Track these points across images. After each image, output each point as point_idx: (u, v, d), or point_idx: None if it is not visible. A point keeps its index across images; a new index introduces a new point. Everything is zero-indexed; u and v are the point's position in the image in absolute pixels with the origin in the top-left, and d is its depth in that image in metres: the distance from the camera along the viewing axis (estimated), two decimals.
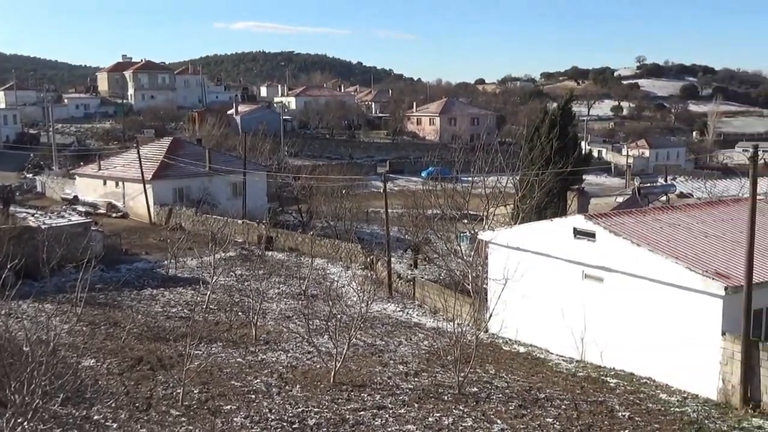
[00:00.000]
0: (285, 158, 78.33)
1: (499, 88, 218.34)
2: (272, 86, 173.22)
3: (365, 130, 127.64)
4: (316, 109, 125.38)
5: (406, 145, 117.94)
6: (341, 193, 54.87)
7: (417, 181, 65.66)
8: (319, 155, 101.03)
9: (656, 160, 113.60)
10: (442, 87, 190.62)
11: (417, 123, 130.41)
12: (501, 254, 28.97)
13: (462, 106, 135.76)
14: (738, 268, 21.80)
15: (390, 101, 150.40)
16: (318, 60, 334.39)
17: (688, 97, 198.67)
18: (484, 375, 23.16)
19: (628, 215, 27.26)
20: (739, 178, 53.68)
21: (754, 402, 20.88)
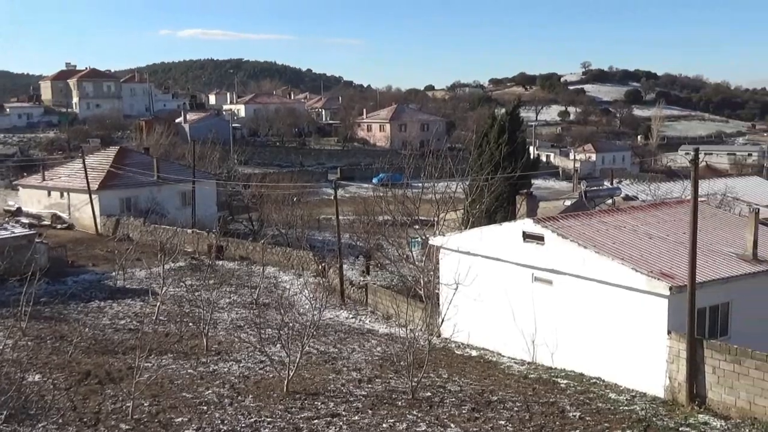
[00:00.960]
0: (235, 166, 77.71)
1: (448, 94, 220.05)
2: (221, 94, 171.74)
3: (316, 137, 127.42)
4: (266, 117, 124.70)
5: (357, 151, 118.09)
6: (292, 201, 54.65)
7: (368, 187, 65.68)
8: (270, 163, 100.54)
9: (602, 163, 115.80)
10: (392, 94, 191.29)
11: (367, 130, 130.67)
12: (452, 259, 29.17)
13: (412, 113, 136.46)
14: (682, 268, 22.30)
15: (340, 108, 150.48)
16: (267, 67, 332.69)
17: (633, 102, 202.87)
18: (437, 379, 23.26)
19: (575, 218, 27.68)
20: (682, 180, 55.03)
21: (699, 399, 21.36)
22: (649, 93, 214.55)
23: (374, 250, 42.63)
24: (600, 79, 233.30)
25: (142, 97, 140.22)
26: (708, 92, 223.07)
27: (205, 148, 68.84)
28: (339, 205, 39.65)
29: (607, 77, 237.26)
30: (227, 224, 56.43)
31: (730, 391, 20.70)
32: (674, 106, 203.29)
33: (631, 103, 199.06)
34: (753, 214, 25.96)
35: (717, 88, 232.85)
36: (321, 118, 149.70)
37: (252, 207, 58.42)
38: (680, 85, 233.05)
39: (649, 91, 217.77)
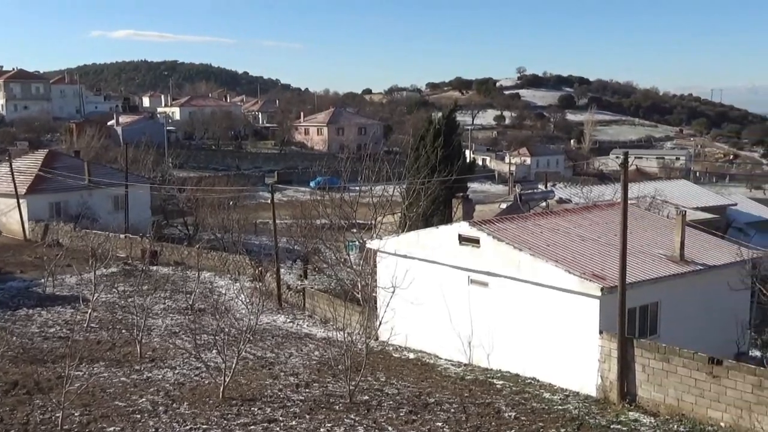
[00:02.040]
0: (169, 170, 76.41)
1: (386, 98, 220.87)
2: (155, 96, 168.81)
3: (252, 140, 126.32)
4: (202, 120, 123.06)
5: (295, 155, 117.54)
6: (228, 205, 53.99)
7: (306, 191, 65.49)
8: (205, 166, 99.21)
9: (537, 167, 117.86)
10: (329, 97, 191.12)
11: (305, 133, 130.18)
12: (389, 262, 29.26)
13: (349, 116, 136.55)
14: (613, 270, 22.84)
15: (278, 111, 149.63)
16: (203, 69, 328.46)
17: (566, 106, 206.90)
18: (374, 383, 23.30)
19: (510, 221, 28.08)
20: (613, 183, 56.31)
21: (630, 396, 21.91)
22: (581, 98, 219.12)
23: (312, 253, 42.43)
24: (534, 84, 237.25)
25: (72, 99, 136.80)
26: (638, 98, 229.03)
27: (138, 152, 67.54)
28: (276, 208, 39.35)
29: (542, 82, 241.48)
30: (162, 229, 55.41)
31: (659, 389, 21.29)
32: (606, 111, 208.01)
33: (564, 108, 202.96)
34: (680, 217, 26.75)
35: (646, 93, 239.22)
36: (258, 122, 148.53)
37: (187, 211, 57.52)
38: (611, 90, 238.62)
39: (581, 96, 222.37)
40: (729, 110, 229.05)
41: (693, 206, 56.64)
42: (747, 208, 70.60)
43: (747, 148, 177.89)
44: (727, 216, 63.99)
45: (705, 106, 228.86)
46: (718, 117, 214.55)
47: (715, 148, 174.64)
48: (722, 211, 63.02)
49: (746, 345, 28.26)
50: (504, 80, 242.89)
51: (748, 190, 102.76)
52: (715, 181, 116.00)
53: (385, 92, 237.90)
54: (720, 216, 59.38)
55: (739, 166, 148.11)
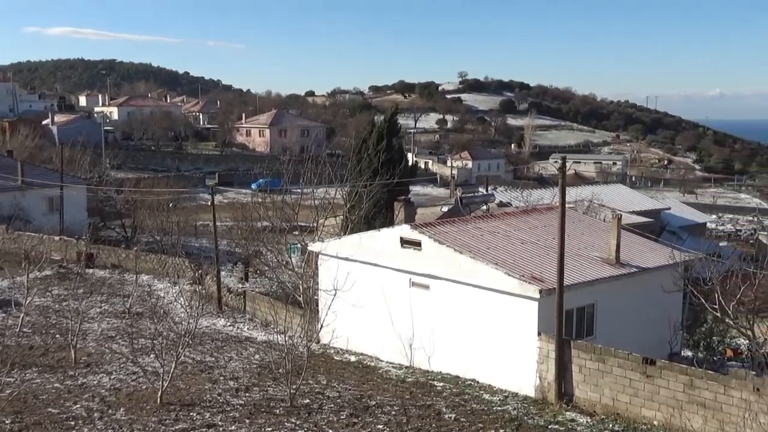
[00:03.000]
0: (107, 171, 74.84)
1: (328, 100, 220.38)
2: (92, 96, 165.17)
3: (193, 141, 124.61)
4: (141, 120, 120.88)
5: (236, 156, 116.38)
6: (168, 207, 53.13)
7: (247, 193, 64.79)
8: (144, 167, 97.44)
9: (478, 170, 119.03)
10: (272, 99, 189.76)
11: (247, 134, 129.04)
12: (331, 265, 29.20)
13: (292, 118, 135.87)
14: (551, 272, 23.22)
15: (219, 112, 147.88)
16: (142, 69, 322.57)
17: (507, 111, 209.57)
18: (316, 386, 23.22)
19: (451, 224, 28.33)
20: (552, 187, 57.33)
21: (567, 397, 22.31)
22: (522, 103, 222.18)
23: (253, 256, 42.06)
24: (476, 89, 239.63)
25: (5, 97, 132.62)
26: (576, 103, 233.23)
27: (74, 152, 65.90)
28: (217, 210, 38.92)
29: (483, 87, 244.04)
30: (98, 231, 54.20)
31: (595, 389, 21.73)
32: (545, 116, 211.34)
33: (505, 113, 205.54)
34: (615, 220, 27.35)
35: (585, 99, 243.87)
36: (199, 122, 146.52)
37: (125, 213, 56.40)
38: (551, 96, 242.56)
39: (522, 101, 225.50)
40: (663, 117, 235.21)
41: (629, 210, 58.00)
42: (680, 212, 72.65)
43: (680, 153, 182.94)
44: (662, 220, 65.71)
45: (641, 113, 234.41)
46: (653, 123, 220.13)
47: (650, 153, 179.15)
48: (657, 215, 64.68)
49: (678, 345, 29.05)
50: (446, 84, 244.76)
51: (682, 195, 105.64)
52: (650, 186, 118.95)
53: (328, 94, 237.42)
54: (654, 220, 60.93)
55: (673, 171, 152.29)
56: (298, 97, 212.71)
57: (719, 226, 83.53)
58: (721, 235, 76.76)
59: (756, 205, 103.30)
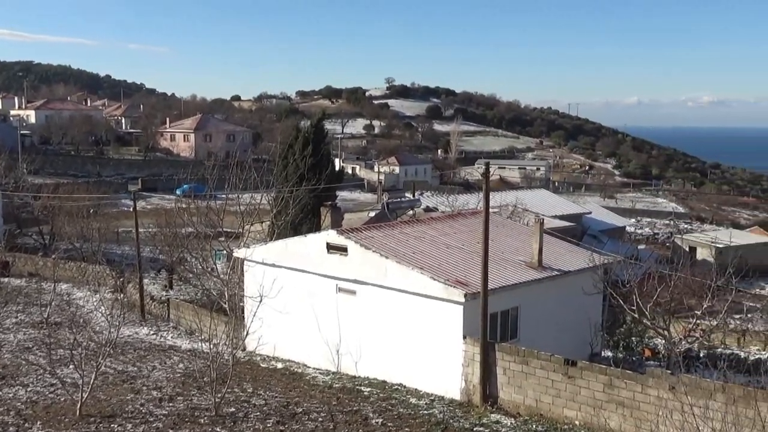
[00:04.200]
0: (23, 176, 72.33)
1: (255, 105, 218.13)
2: (8, 98, 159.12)
3: (115, 146, 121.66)
4: (60, 124, 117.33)
5: (160, 162, 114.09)
6: (88, 213, 51.76)
7: (171, 198, 63.59)
8: (64, 173, 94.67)
9: (405, 176, 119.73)
10: (197, 103, 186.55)
11: (171, 139, 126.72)
12: (257, 271, 28.94)
13: (217, 123, 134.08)
14: (476, 276, 23.52)
15: (142, 116, 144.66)
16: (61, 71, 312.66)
17: (433, 117, 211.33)
18: (241, 394, 22.95)
19: (378, 229, 28.42)
20: (478, 192, 58.07)
21: (492, 399, 22.64)
22: (448, 109, 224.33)
23: (177, 263, 41.34)
24: (403, 95, 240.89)
25: None
26: (501, 110, 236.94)
27: None
28: (140, 217, 38.12)
29: (410, 93, 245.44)
30: (14, 238, 52.47)
31: (519, 391, 22.11)
32: (471, 122, 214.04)
33: (431, 118, 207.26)
34: (538, 225, 27.92)
35: (509, 106, 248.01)
36: (121, 127, 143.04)
37: (43, 219, 54.70)
38: (476, 102, 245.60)
39: (448, 107, 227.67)
40: (584, 123, 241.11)
41: (551, 214, 59.30)
42: (601, 216, 74.71)
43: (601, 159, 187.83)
44: (583, 224, 67.42)
45: (563, 119, 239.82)
46: (575, 130, 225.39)
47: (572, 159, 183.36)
48: (578, 219, 66.35)
49: (599, 346, 29.85)
50: (373, 90, 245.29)
51: (602, 199, 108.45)
52: (572, 191, 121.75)
53: (254, 99, 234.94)
54: (576, 224, 62.48)
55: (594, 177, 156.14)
56: (223, 102, 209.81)
57: (638, 229, 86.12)
58: (640, 239, 79.21)
59: (672, 209, 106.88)
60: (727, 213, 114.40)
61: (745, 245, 67.37)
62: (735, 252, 49.74)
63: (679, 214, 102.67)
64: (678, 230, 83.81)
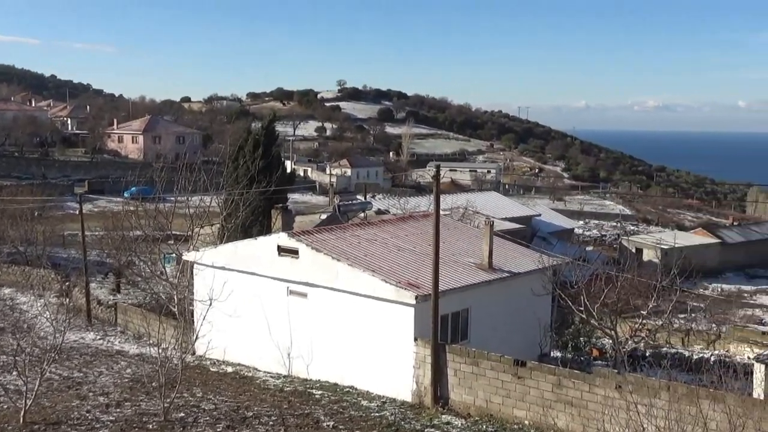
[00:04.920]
0: None
1: (205, 106, 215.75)
2: None
3: (60, 147, 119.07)
4: (2, 125, 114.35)
5: (107, 163, 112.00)
6: (32, 216, 50.56)
7: (119, 201, 62.51)
8: (7, 175, 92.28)
9: (357, 178, 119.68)
10: (145, 104, 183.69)
11: (119, 141, 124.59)
12: (207, 274, 28.64)
13: (167, 124, 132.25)
14: (427, 278, 23.64)
15: (89, 117, 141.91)
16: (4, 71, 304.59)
17: (385, 119, 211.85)
18: (191, 399, 22.67)
19: (329, 232, 28.37)
20: (429, 195, 58.39)
21: (443, 400, 22.77)
22: (400, 112, 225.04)
23: (125, 267, 40.63)
24: (355, 97, 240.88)
25: None
26: (452, 113, 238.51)
27: None
28: (86, 219, 37.45)
29: (362, 95, 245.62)
30: None
31: (470, 391, 22.29)
32: (423, 125, 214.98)
33: (383, 121, 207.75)
34: (488, 227, 28.18)
35: (460, 109, 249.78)
36: (67, 128, 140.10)
37: None
38: (428, 105, 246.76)
39: (400, 110, 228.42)
40: (534, 127, 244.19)
41: (502, 217, 59.99)
42: (550, 218, 75.78)
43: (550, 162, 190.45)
44: (533, 226, 68.31)
45: (513, 123, 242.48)
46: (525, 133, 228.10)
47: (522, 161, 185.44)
48: (528, 221, 67.21)
49: (548, 346, 30.25)
50: (325, 92, 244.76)
51: (551, 202, 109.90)
52: (522, 193, 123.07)
53: (204, 101, 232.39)
54: (526, 226, 63.28)
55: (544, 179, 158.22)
56: (173, 103, 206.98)
57: (586, 231, 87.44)
58: (588, 240, 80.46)
59: (619, 211, 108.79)
60: (672, 215, 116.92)
61: (689, 246, 69.02)
62: (679, 253, 51.01)
63: (626, 216, 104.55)
64: (625, 232, 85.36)
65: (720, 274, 71.56)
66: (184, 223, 36.43)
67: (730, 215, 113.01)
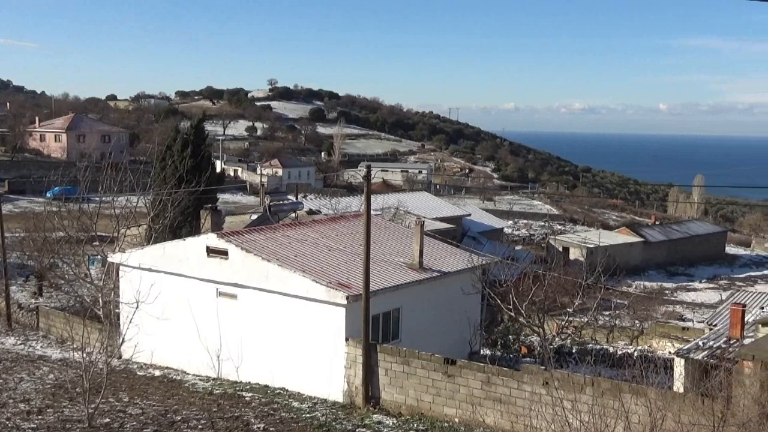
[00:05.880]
0: None
1: (132, 105, 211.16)
2: None
3: None
4: None
5: (29, 163, 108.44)
6: None
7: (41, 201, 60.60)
8: None
9: (289, 178, 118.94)
10: (69, 102, 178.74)
11: (41, 139, 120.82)
12: (134, 276, 28.04)
13: (91, 123, 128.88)
14: (358, 278, 23.67)
15: (9, 115, 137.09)
16: None
17: (317, 119, 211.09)
18: (117, 404, 22.14)
19: (260, 232, 28.12)
20: (360, 195, 58.48)
21: (374, 400, 22.83)
22: (331, 112, 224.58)
23: (47, 269, 39.44)
24: (286, 97, 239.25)
25: None
26: (384, 113, 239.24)
27: None
28: (6, 221, 36.20)
29: (293, 95, 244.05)
30: None
31: (401, 391, 22.40)
32: (354, 125, 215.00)
33: (315, 121, 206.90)
34: (418, 227, 28.38)
35: (391, 110, 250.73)
36: None
37: None
38: (359, 105, 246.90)
39: (331, 110, 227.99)
40: (464, 128, 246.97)
41: (433, 217, 60.49)
42: (480, 218, 76.78)
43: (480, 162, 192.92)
44: (463, 225, 69.10)
45: (444, 123, 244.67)
46: (455, 134, 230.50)
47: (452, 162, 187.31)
48: (458, 221, 67.95)
49: (478, 344, 30.66)
50: (256, 91, 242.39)
51: (481, 202, 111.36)
52: (453, 193, 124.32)
53: (131, 99, 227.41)
54: (456, 225, 63.97)
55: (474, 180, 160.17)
56: (98, 101, 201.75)
57: (515, 231, 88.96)
58: (517, 240, 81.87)
59: (547, 211, 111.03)
60: (597, 214, 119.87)
61: (614, 245, 70.94)
62: (604, 252, 52.30)
63: (554, 215, 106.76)
64: (552, 231, 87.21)
65: (643, 271, 73.86)
66: (109, 224, 35.52)
67: (653, 215, 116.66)
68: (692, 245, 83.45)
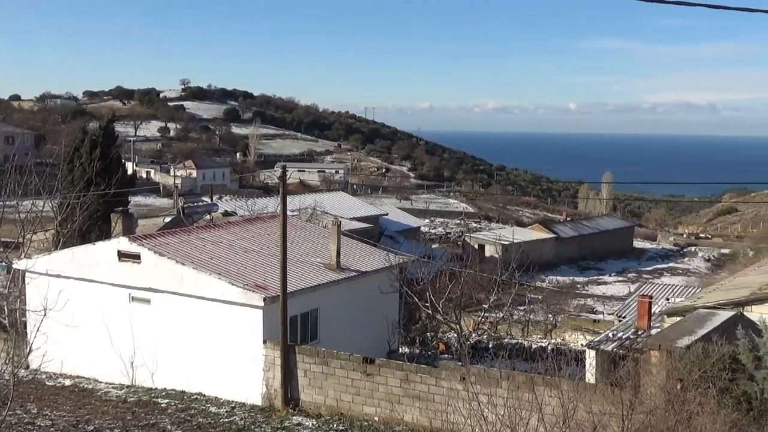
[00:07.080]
0: None
1: (37, 105, 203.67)
2: None
3: None
4: None
5: None
6: None
7: None
8: None
9: (203, 180, 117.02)
10: None
11: None
12: (41, 283, 27.03)
13: None
14: (275, 280, 23.50)
15: None
16: None
17: (231, 120, 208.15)
18: (25, 416, 21.31)
19: (173, 235, 27.56)
20: (277, 195, 58.05)
21: (294, 401, 22.71)
22: (246, 112, 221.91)
23: None
24: (199, 97, 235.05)
25: None
26: (300, 113, 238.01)
27: None
28: None
29: (206, 95, 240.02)
30: None
31: (320, 391, 22.36)
32: (270, 125, 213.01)
33: (229, 121, 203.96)
34: (335, 227, 28.37)
35: (308, 109, 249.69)
36: None
37: None
38: (275, 105, 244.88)
39: (246, 110, 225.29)
40: (380, 127, 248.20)
41: (350, 216, 60.60)
42: (397, 217, 77.40)
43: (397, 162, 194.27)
44: (380, 225, 69.50)
45: (360, 123, 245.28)
46: (372, 133, 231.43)
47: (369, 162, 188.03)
48: (376, 220, 68.30)
49: (396, 343, 30.87)
50: (168, 91, 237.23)
51: (398, 201, 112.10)
52: (370, 193, 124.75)
53: (36, 99, 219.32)
54: (374, 225, 64.25)
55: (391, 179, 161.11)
56: (1, 101, 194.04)
57: (431, 229, 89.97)
58: (433, 238, 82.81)
59: (463, 209, 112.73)
60: (511, 212, 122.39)
61: (527, 242, 72.66)
62: (518, 248, 53.47)
63: (469, 213, 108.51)
64: (468, 229, 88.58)
65: (555, 267, 75.92)
66: (14, 229, 34.20)
67: (564, 211, 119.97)
68: (602, 240, 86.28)
